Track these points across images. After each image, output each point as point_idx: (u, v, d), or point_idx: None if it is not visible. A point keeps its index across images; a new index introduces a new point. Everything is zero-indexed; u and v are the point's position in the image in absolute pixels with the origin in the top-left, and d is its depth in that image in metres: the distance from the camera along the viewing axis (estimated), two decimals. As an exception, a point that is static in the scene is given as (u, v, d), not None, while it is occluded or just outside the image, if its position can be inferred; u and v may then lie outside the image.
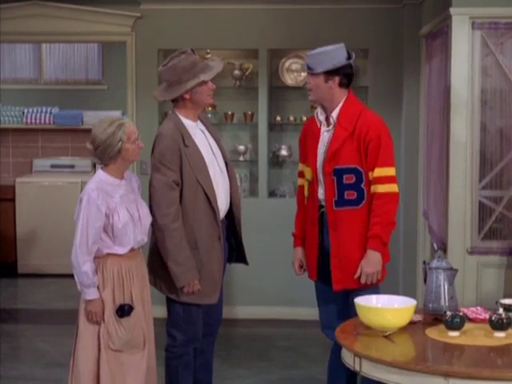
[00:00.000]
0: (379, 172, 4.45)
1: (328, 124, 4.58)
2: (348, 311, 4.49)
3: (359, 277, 4.46)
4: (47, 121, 9.65)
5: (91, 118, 9.16)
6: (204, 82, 4.58)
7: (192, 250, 4.54)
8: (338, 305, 4.64)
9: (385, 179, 4.46)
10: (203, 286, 4.59)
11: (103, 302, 4.23)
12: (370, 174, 4.47)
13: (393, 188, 4.49)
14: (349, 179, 4.49)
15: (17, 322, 7.61)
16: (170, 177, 4.51)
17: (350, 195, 4.50)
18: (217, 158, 4.72)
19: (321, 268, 4.64)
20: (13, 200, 9.20)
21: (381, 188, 4.45)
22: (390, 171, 4.48)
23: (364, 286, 4.45)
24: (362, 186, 4.49)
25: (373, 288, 4.46)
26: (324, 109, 4.60)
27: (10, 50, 10.01)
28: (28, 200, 9.18)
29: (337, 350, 4.59)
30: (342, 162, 4.48)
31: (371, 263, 4.44)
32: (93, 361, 4.25)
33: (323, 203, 4.58)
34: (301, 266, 4.77)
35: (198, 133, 4.68)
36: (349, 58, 4.53)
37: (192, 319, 4.66)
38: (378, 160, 4.45)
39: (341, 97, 4.54)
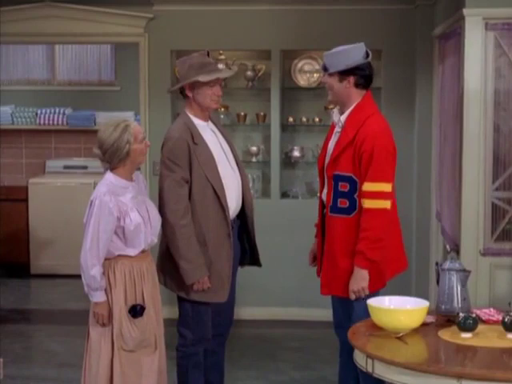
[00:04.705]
0: (367, 186, 4.33)
1: (339, 125, 4.56)
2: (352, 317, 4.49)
3: (345, 287, 4.40)
4: (60, 122, 9.68)
5: (104, 119, 9.14)
6: (203, 84, 4.59)
7: (201, 247, 4.55)
8: (346, 307, 4.60)
9: (373, 194, 4.33)
10: (211, 283, 4.60)
11: (110, 305, 4.23)
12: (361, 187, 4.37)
13: (381, 204, 4.34)
14: (343, 187, 4.41)
15: (29, 322, 7.63)
16: (179, 174, 4.53)
17: (343, 203, 4.42)
18: (228, 157, 4.74)
19: None
20: (26, 201, 9.22)
21: (367, 203, 4.33)
22: (380, 187, 4.33)
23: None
24: (355, 196, 4.39)
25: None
26: (341, 109, 4.56)
27: (24, 51, 10.03)
28: (41, 201, 9.20)
29: (344, 350, 4.59)
30: (340, 168, 4.41)
31: (356, 280, 4.36)
32: (106, 362, 4.25)
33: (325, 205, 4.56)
34: (315, 258, 4.75)
35: (208, 132, 4.70)
36: (367, 57, 4.45)
37: (201, 318, 4.67)
38: (368, 174, 4.32)
39: (357, 98, 4.45)
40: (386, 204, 4.35)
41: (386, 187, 4.35)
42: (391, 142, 4.43)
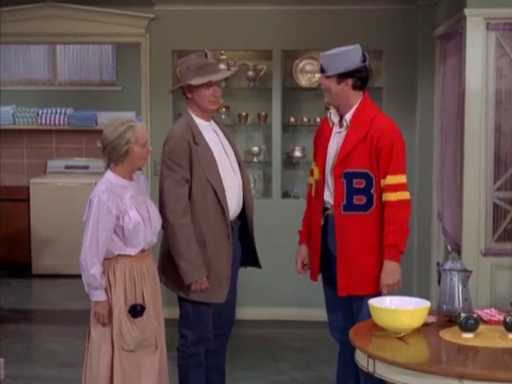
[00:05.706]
0: (391, 180, 4.39)
1: (341, 126, 4.54)
2: (353, 317, 4.48)
3: (368, 284, 4.41)
4: (61, 122, 9.68)
5: (105, 119, 9.16)
6: (200, 85, 4.58)
7: (200, 248, 4.55)
8: (344, 308, 4.62)
9: (396, 187, 4.40)
10: (210, 284, 4.59)
11: (110, 304, 4.23)
12: (381, 181, 4.41)
13: (404, 195, 4.43)
14: (359, 184, 4.43)
15: (30, 322, 7.63)
16: (179, 173, 4.53)
17: (359, 200, 4.44)
18: (229, 157, 4.73)
19: (326, 271, 4.62)
20: (27, 201, 9.23)
21: (393, 196, 4.39)
22: (401, 178, 4.42)
23: (368, 294, 4.37)
24: (372, 191, 4.43)
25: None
26: (338, 110, 4.57)
27: (25, 51, 10.04)
28: (42, 201, 9.21)
29: (344, 350, 4.59)
30: (353, 165, 4.43)
31: (391, 274, 4.38)
32: (106, 362, 4.25)
33: (328, 206, 4.55)
34: (304, 265, 4.74)
35: (210, 132, 4.70)
36: (364, 59, 4.47)
37: (202, 318, 4.67)
38: (390, 167, 4.39)
39: (355, 99, 4.49)
40: (407, 195, 4.45)
41: (405, 179, 4.45)
42: (403, 137, 4.52)
